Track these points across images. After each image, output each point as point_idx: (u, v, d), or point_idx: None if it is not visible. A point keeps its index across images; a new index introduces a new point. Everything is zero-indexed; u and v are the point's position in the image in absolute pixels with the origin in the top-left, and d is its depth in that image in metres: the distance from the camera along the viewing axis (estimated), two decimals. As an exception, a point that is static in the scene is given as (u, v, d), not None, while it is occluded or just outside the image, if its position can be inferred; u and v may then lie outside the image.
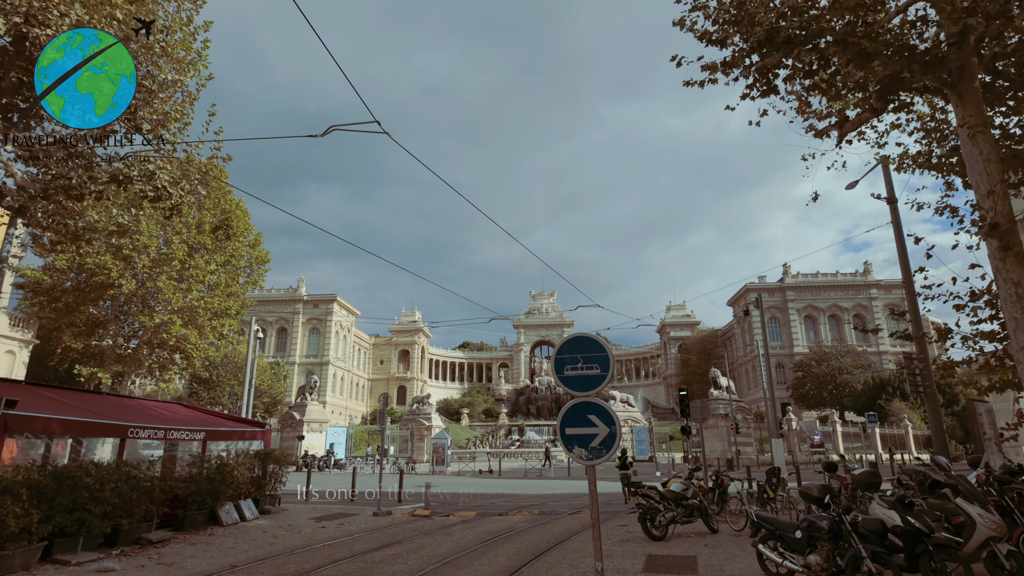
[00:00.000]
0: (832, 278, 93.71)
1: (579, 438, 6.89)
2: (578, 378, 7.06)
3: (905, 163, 17.06)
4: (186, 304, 38.15)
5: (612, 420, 6.80)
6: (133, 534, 13.06)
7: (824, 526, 8.37)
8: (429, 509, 19.50)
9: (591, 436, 6.83)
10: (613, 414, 6.85)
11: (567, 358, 7.16)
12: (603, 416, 6.84)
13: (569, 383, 7.09)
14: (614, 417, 6.82)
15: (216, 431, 17.35)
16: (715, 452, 48.81)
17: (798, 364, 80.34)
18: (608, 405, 6.92)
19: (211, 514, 15.80)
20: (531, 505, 21.41)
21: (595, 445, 6.80)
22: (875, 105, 14.34)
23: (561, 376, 7.15)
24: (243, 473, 17.06)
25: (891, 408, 63.90)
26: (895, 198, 20.11)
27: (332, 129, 9.93)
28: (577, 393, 7.05)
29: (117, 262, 35.72)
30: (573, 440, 6.93)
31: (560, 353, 7.22)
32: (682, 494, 14.05)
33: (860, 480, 10.25)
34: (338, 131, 9.50)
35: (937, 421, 17.90)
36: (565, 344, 7.24)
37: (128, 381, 41.70)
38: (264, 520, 17.01)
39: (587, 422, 6.89)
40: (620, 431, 6.81)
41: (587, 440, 6.84)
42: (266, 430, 19.74)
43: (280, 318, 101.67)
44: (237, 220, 41.55)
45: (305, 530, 15.66)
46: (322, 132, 10.16)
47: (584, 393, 7.00)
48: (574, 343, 7.20)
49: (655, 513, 13.45)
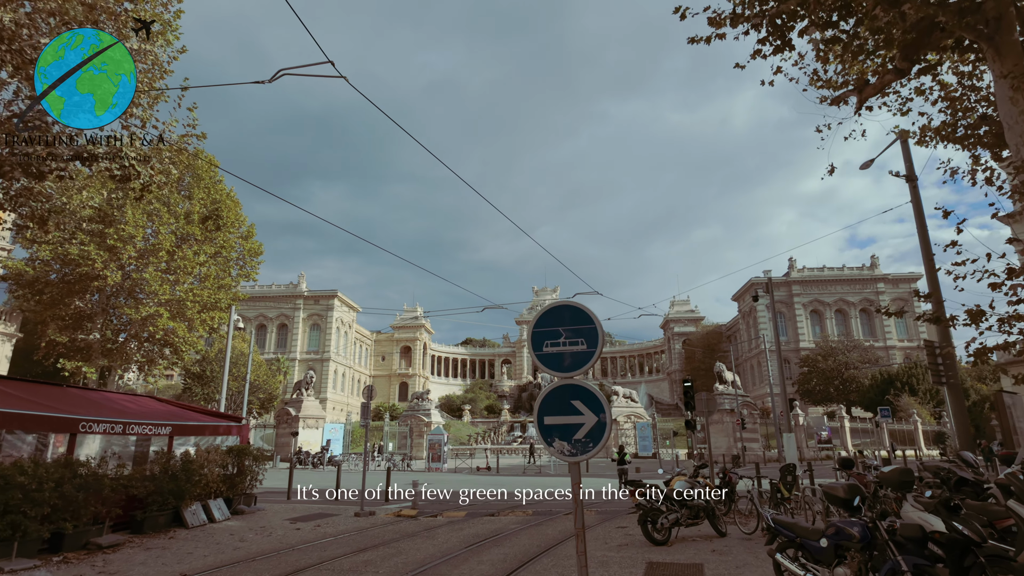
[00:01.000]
0: (838, 272, 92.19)
1: (560, 429, 5.63)
2: (560, 356, 5.79)
3: (927, 136, 15.76)
4: (174, 296, 36.94)
5: (601, 406, 5.53)
6: (80, 538, 11.83)
7: (855, 533, 7.07)
8: (416, 509, 18.28)
9: (575, 426, 5.57)
10: (602, 399, 5.58)
11: (547, 331, 5.89)
12: (590, 402, 5.57)
13: (549, 362, 5.83)
14: (603, 403, 5.55)
15: (184, 426, 16.13)
16: (720, 448, 47.49)
17: (804, 359, 78.91)
18: (596, 388, 5.65)
19: (175, 515, 14.59)
20: (526, 504, 20.17)
21: (580, 437, 5.53)
22: (899, 66, 13.03)
23: (540, 354, 5.88)
24: (213, 471, 15.83)
25: (899, 403, 62.61)
26: (915, 176, 18.77)
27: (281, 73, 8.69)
28: (558, 373, 5.78)
29: (102, 252, 34.53)
30: (553, 431, 5.66)
31: (538, 326, 5.95)
32: (686, 494, 12.78)
33: (890, 479, 8.99)
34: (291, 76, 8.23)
35: (962, 415, 16.58)
36: (544, 315, 5.96)
37: (116, 376, 40.56)
38: (235, 521, 15.79)
39: (570, 409, 5.62)
40: (611, 420, 5.54)
41: (570, 431, 5.58)
42: (242, 425, 18.52)
43: (281, 314, 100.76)
44: (227, 210, 40.29)
45: (276, 532, 14.43)
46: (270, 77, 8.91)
47: (567, 374, 5.73)
48: (555, 313, 5.93)
49: (657, 515, 12.18)
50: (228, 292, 41.89)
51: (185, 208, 38.50)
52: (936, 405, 65.63)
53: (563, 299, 5.90)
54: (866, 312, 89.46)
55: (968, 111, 15.01)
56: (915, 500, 8.40)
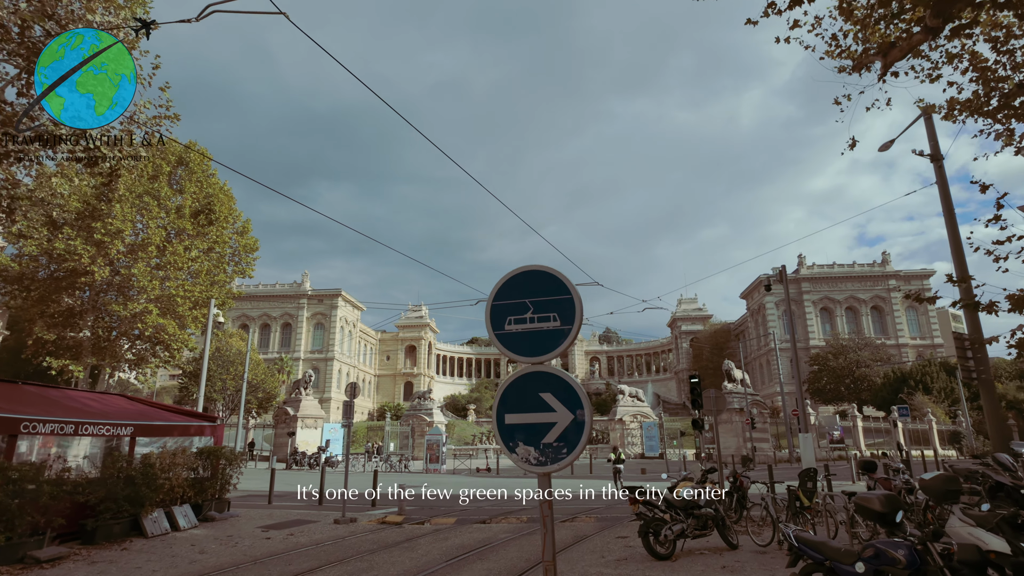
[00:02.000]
0: (849, 269, 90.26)
1: (526, 430, 4.33)
2: (526, 336, 4.50)
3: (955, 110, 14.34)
4: (164, 293, 35.80)
5: (578, 400, 4.22)
6: (16, 551, 10.62)
7: (900, 557, 5.74)
8: (403, 515, 17.01)
9: (544, 427, 4.27)
10: (580, 391, 4.27)
11: (509, 305, 4.59)
12: (564, 394, 4.27)
13: (512, 344, 4.53)
14: (581, 396, 4.24)
15: (149, 426, 14.89)
16: (730, 448, 46.03)
17: (814, 357, 77.11)
18: (572, 378, 4.35)
19: (134, 523, 13.38)
20: (521, 510, 18.86)
21: (550, 441, 4.23)
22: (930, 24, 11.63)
23: (501, 334, 4.58)
24: (179, 474, 14.62)
25: (913, 402, 60.90)
26: (940, 155, 17.35)
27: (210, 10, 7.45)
28: (524, 359, 4.49)
29: (88, 247, 33.44)
30: (516, 433, 4.36)
31: (499, 298, 4.65)
32: (693, 501, 11.44)
33: (933, 488, 7.66)
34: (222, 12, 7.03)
35: (995, 412, 15.17)
36: (507, 284, 4.65)
37: (106, 374, 39.51)
38: (201, 530, 14.55)
39: (539, 404, 4.32)
40: (590, 417, 4.23)
41: (538, 433, 4.27)
42: (217, 425, 17.27)
43: (284, 313, 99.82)
44: (220, 204, 39.19)
45: (243, 543, 13.19)
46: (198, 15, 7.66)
47: (536, 358, 4.44)
48: (520, 282, 4.62)
49: (660, 525, 10.85)
50: (222, 289, 40.79)
51: (176, 202, 37.41)
52: (951, 404, 63.87)
53: (530, 264, 4.61)
54: (877, 309, 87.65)
55: (1002, 80, 13.61)
56: (963, 513, 7.06)
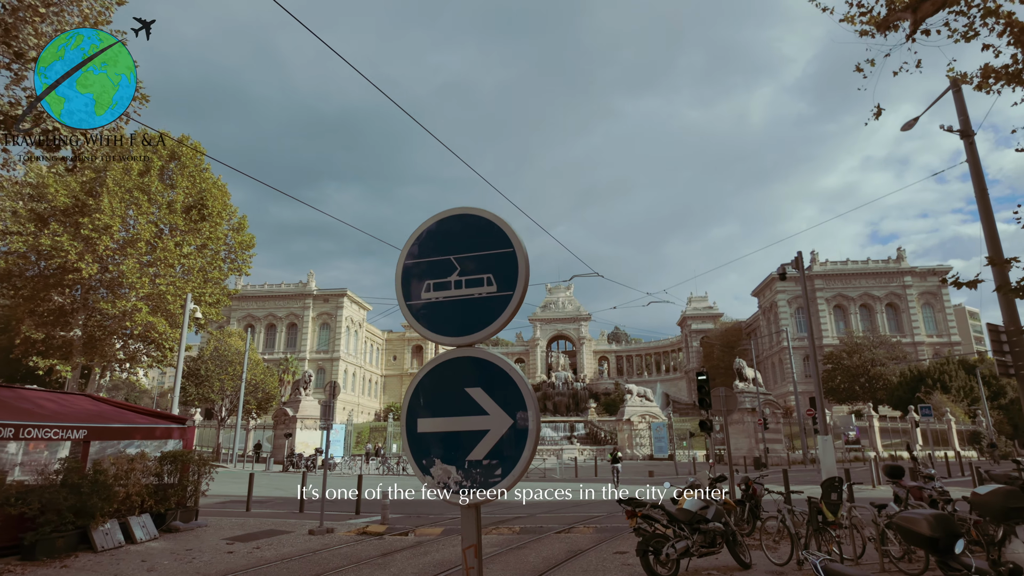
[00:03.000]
0: (863, 265, 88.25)
1: (445, 442, 3.01)
2: (450, 307, 3.17)
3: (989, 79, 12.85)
4: (154, 290, 34.70)
5: (520, 397, 2.88)
6: (-69, 571, 9.42)
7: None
8: (386, 524, 15.72)
9: (471, 436, 2.94)
10: (521, 382, 2.92)
11: (427, 265, 3.27)
12: (502, 389, 2.94)
13: (430, 318, 3.21)
14: (524, 391, 2.90)
15: (105, 428, 13.67)
16: (741, 450, 44.50)
17: (828, 356, 75.20)
18: (513, 366, 3.01)
19: (83, 536, 12.16)
20: (514, 518, 17.51)
21: (479, 457, 2.91)
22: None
23: (415, 305, 3.26)
24: (138, 481, 13.39)
25: (931, 401, 59.10)
26: (971, 131, 15.86)
27: None
28: (447, 338, 3.17)
29: (76, 243, 32.42)
30: (431, 446, 3.04)
31: (412, 255, 3.33)
32: (700, 514, 10.05)
33: (991, 505, 6.28)
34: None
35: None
36: (425, 235, 3.33)
37: (97, 375, 38.50)
38: (160, 542, 13.30)
39: (465, 404, 2.99)
40: (535, 423, 2.88)
41: (462, 445, 2.96)
42: (186, 427, 16.03)
43: (290, 313, 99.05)
44: (214, 200, 38.06)
45: (202, 557, 11.93)
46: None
47: (463, 338, 3.12)
48: (443, 232, 3.29)
49: (661, 542, 9.46)
50: (217, 286, 39.71)
51: (168, 197, 36.34)
52: (971, 403, 62.02)
53: (457, 207, 3.25)
54: (892, 307, 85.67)
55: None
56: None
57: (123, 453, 13.79)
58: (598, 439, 64.28)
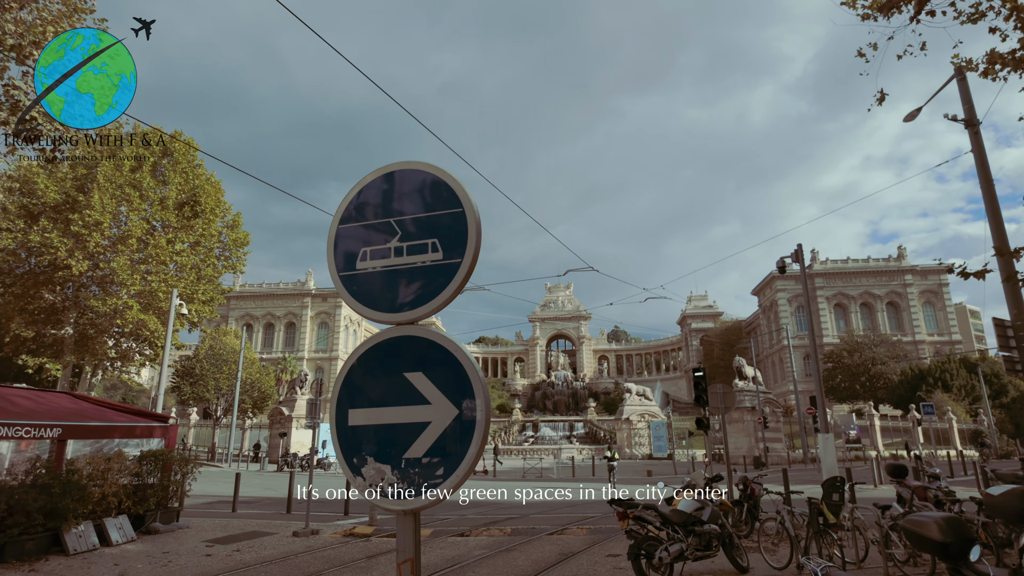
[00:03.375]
0: (863, 264, 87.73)
1: (380, 436, 2.55)
2: (389, 277, 2.71)
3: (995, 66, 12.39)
4: (146, 287, 34.22)
5: (467, 383, 2.43)
6: None
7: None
8: (373, 526, 15.26)
9: (410, 430, 2.49)
10: (469, 366, 2.46)
11: (365, 228, 2.82)
12: (446, 374, 2.49)
13: (366, 290, 2.75)
14: (472, 374, 2.45)
15: (81, 427, 13.21)
16: (740, 449, 44.03)
17: (828, 355, 74.71)
18: (460, 346, 2.55)
19: (56, 538, 11.71)
20: (508, 519, 17.03)
21: (419, 455, 2.46)
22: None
23: (346, 276, 2.81)
24: (115, 481, 12.94)
25: (932, 400, 58.63)
26: (976, 120, 15.41)
27: None
28: (384, 315, 2.72)
29: (66, 240, 31.97)
30: (363, 441, 2.58)
31: (347, 218, 2.87)
32: (695, 515, 9.58)
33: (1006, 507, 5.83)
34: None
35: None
36: (363, 195, 2.86)
37: (88, 373, 38.04)
38: (138, 545, 12.85)
39: (403, 392, 2.53)
40: (485, 413, 2.42)
41: (399, 440, 2.50)
42: (168, 425, 15.58)
43: (288, 312, 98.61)
44: (207, 196, 37.58)
45: (178, 560, 11.48)
46: None
47: (402, 314, 2.66)
48: (382, 190, 2.81)
49: (654, 546, 9.01)
50: (211, 284, 39.26)
51: (160, 193, 35.87)
52: (972, 402, 61.57)
53: (401, 161, 2.79)
54: (893, 305, 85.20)
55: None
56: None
57: (101, 452, 13.34)
58: (597, 438, 63.88)
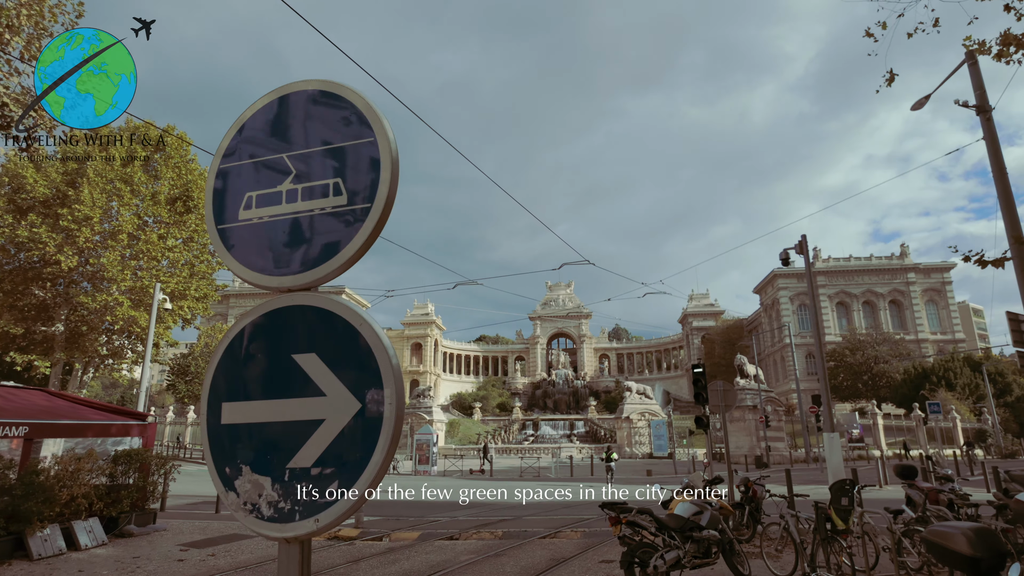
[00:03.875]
0: (866, 262, 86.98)
1: (258, 439, 1.91)
2: (278, 228, 2.08)
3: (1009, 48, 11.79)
4: (136, 284, 33.60)
5: (375, 370, 1.79)
6: None
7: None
8: (359, 528, 14.65)
9: (299, 431, 1.85)
10: (378, 346, 1.82)
11: (248, 169, 2.18)
12: (346, 356, 1.84)
13: (247, 247, 2.10)
14: (381, 358, 1.81)
15: (49, 425, 12.60)
16: (742, 448, 43.37)
17: (830, 353, 73.83)
18: (363, 315, 1.93)
19: (19, 542, 11.10)
20: (500, 521, 16.40)
21: (307, 464, 1.82)
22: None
23: (225, 230, 2.17)
24: (85, 482, 12.33)
25: (935, 399, 57.97)
26: (988, 106, 14.72)
27: None
28: (269, 278, 2.07)
29: (55, 235, 31.36)
30: (239, 444, 1.94)
31: (229, 155, 2.21)
32: (693, 520, 8.95)
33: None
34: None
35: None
36: (249, 123, 2.23)
37: (79, 371, 37.45)
38: (108, 549, 12.23)
39: (291, 380, 1.90)
40: (397, 407, 1.80)
41: (283, 445, 1.86)
42: (147, 423, 14.98)
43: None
44: (200, 191, 36.97)
45: (147, 566, 10.86)
46: None
47: (293, 277, 2.03)
48: (272, 118, 2.17)
49: (649, 553, 8.39)
50: (205, 280, 38.66)
51: (151, 188, 35.25)
52: (976, 401, 60.90)
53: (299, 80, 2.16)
54: (896, 303, 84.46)
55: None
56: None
57: (71, 452, 12.74)
58: (598, 437, 63.28)
